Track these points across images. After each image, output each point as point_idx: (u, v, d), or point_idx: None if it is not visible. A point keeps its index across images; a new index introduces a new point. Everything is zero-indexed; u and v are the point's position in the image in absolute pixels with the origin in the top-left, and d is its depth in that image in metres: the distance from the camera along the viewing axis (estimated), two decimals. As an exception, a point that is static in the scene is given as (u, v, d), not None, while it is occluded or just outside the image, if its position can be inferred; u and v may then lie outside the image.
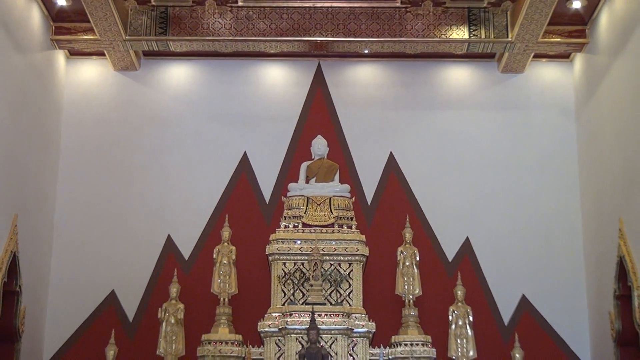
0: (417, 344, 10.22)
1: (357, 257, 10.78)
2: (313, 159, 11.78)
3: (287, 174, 12.01)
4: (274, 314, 10.42)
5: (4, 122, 9.94)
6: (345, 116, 12.35)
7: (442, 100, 12.40)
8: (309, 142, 11.91)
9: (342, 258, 10.76)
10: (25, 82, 10.68)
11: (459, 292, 10.63)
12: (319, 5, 11.56)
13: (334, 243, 10.79)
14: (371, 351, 10.29)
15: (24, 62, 10.61)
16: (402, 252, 10.80)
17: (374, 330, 10.38)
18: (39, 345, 11.23)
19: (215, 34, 11.54)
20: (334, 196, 11.28)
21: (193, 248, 11.82)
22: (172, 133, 12.25)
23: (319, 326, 9.90)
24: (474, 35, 11.53)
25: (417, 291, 10.66)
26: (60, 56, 12.07)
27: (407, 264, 10.72)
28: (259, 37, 11.53)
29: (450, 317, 10.50)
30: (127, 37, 11.48)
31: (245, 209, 11.92)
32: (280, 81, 12.53)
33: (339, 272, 10.72)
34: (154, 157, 12.16)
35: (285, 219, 11.15)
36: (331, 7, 11.56)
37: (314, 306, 10.11)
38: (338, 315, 10.17)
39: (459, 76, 12.49)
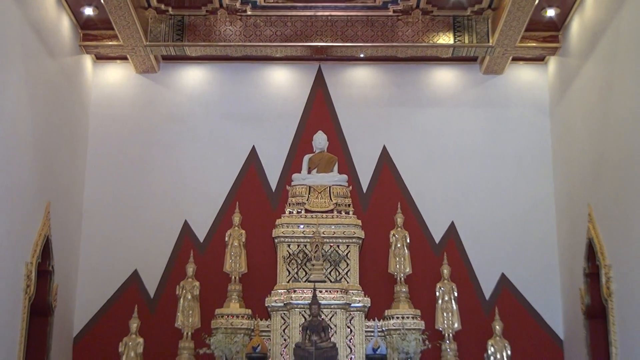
0: (408, 317, 10.28)
1: (353, 240, 10.85)
2: (314, 152, 11.82)
3: (291, 165, 12.03)
4: (279, 291, 10.49)
5: (38, 120, 10.01)
6: (343, 114, 12.37)
7: (429, 99, 12.42)
8: (311, 137, 11.92)
9: (340, 240, 10.82)
10: (56, 84, 10.73)
11: (445, 271, 10.70)
12: (319, 14, 11.59)
13: (333, 227, 10.85)
14: (367, 323, 10.35)
15: (55, 66, 10.67)
16: (394, 235, 10.86)
17: (369, 305, 10.44)
18: (70, 319, 11.33)
19: (226, 40, 11.57)
20: (333, 185, 11.31)
21: (207, 232, 11.86)
22: (188, 129, 12.27)
23: (320, 301, 9.98)
24: (458, 40, 11.56)
25: (407, 270, 10.72)
26: (87, 60, 12.11)
27: (399, 245, 10.78)
28: (266, 42, 11.56)
29: (437, 293, 10.58)
30: (147, 43, 11.52)
31: (254, 196, 11.95)
32: (284, 82, 12.54)
33: (337, 253, 10.77)
34: (171, 151, 12.18)
35: (289, 205, 11.20)
36: (330, 15, 11.59)
37: (316, 283, 10.19)
38: (337, 291, 10.23)
39: (444, 77, 12.49)
